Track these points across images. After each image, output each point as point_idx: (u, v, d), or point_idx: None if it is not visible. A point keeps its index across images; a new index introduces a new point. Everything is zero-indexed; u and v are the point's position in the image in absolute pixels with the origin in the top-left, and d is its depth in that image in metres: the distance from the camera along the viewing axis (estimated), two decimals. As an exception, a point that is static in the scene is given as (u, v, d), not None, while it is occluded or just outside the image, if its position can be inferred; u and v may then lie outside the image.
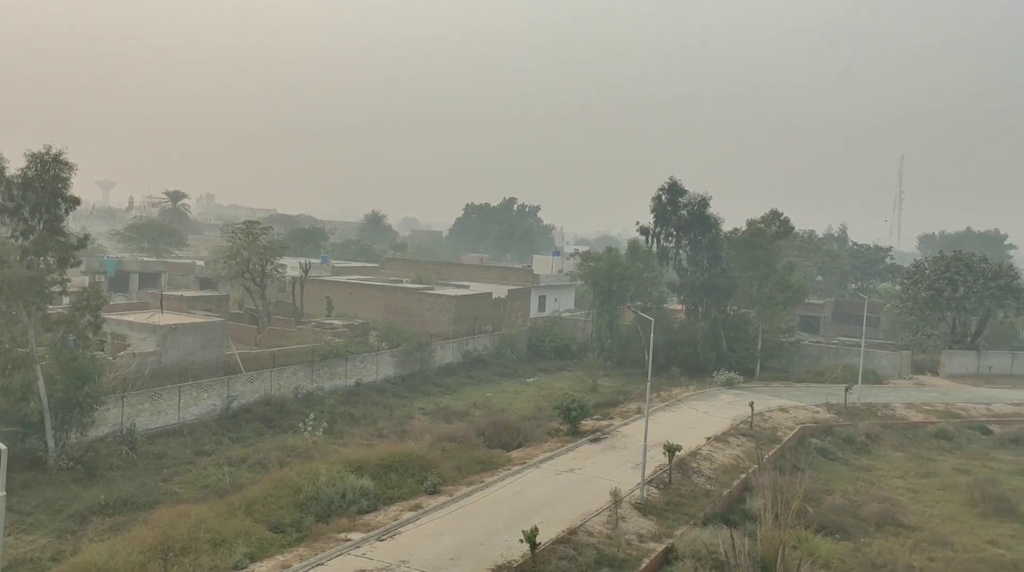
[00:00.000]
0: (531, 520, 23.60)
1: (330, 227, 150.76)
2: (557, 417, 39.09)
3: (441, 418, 42.05)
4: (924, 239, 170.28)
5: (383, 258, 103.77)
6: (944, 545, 28.50)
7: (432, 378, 52.29)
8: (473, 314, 62.95)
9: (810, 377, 57.23)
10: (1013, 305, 68.05)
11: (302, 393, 43.19)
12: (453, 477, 29.89)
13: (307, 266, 63.46)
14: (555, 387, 52.04)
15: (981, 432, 46.79)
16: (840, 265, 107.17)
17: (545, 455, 33.94)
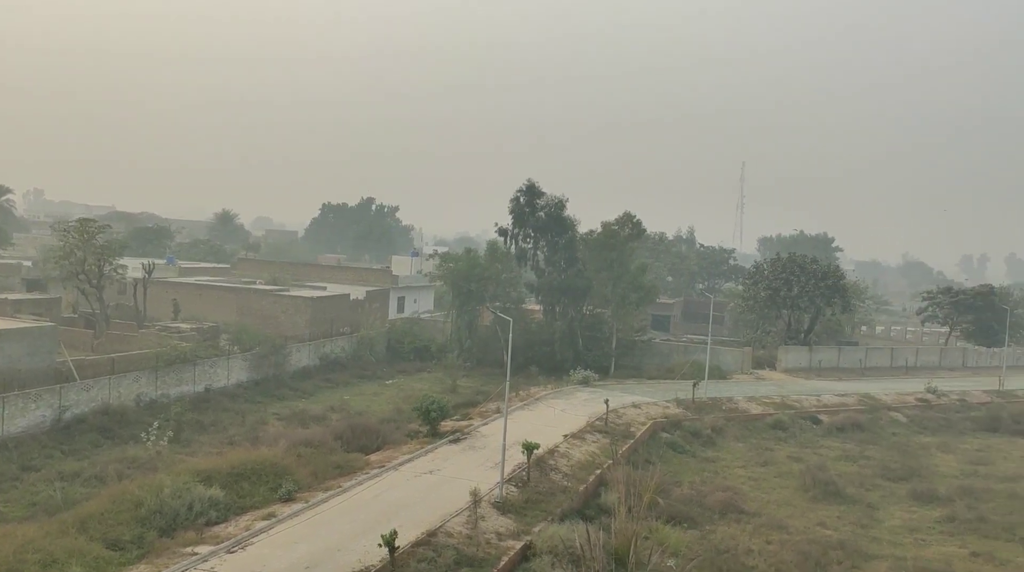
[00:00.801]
0: (390, 523, 23.29)
1: (176, 226, 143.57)
2: (417, 419, 38.82)
3: (297, 423, 40.85)
4: (763, 241, 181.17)
5: (235, 259, 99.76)
6: (780, 528, 30.41)
7: (287, 382, 50.74)
8: (330, 316, 61.56)
9: (661, 374, 59.60)
10: (839, 303, 73.55)
11: (145, 401, 40.82)
12: (309, 483, 29.08)
13: (151, 267, 60.04)
14: (415, 388, 51.71)
15: (812, 422, 50.31)
16: (688, 266, 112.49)
17: (404, 457, 33.62)
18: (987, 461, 44.46)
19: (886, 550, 29.18)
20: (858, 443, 46.83)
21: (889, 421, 52.94)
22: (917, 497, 36.11)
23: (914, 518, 33.55)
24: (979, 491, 36.98)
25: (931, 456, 45.00)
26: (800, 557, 27.10)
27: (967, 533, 31.61)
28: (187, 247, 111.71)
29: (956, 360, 79.35)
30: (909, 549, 29.45)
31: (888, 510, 34.48)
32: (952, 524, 32.56)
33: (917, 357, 76.64)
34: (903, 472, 39.96)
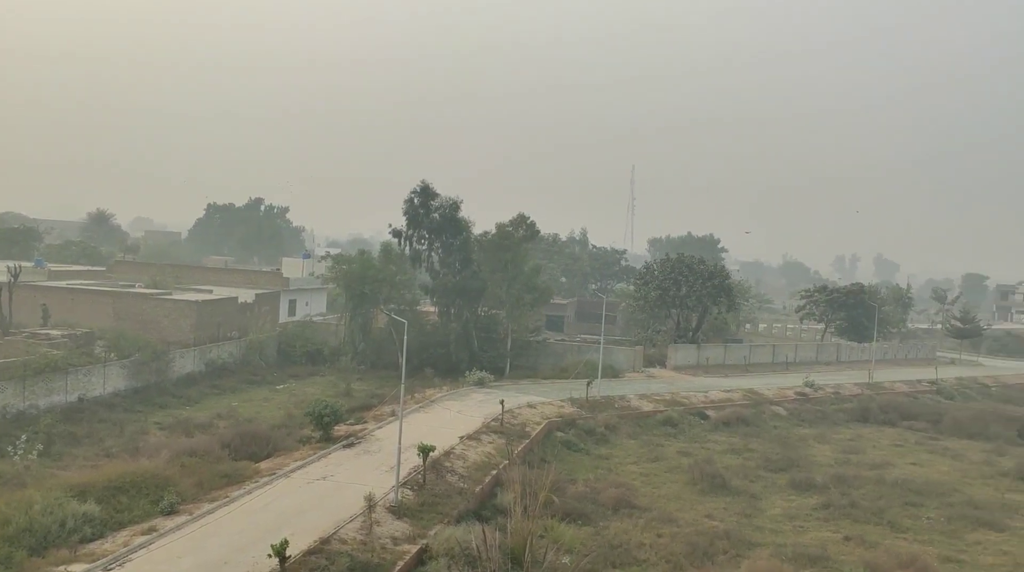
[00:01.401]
0: (281, 532, 22.64)
1: (45, 226, 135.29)
2: (309, 424, 37.93)
3: (181, 432, 39.22)
4: (653, 242, 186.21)
5: (111, 261, 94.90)
6: (670, 522, 31.30)
7: (171, 389, 48.66)
8: (217, 320, 59.42)
9: (556, 373, 60.36)
10: (725, 302, 76.41)
11: (11, 413, 38.29)
12: (194, 494, 27.95)
13: (16, 270, 56.38)
14: (307, 393, 50.56)
15: (700, 417, 52.07)
16: (582, 267, 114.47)
17: (296, 464, 32.79)
18: (858, 450, 47.11)
19: (768, 538, 30.47)
20: (743, 437, 48.75)
21: (771, 415, 55.37)
22: (796, 486, 37.88)
23: (793, 506, 35.17)
24: (851, 478, 39.12)
25: (809, 447, 47.31)
26: (689, 548, 27.98)
27: (841, 518, 33.38)
28: (58, 249, 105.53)
29: (831, 355, 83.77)
30: (789, 536, 30.85)
31: (770, 500, 36.02)
32: (827, 511, 34.30)
33: (796, 353, 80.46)
34: (783, 463, 41.83)
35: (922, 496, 37.00)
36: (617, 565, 26.49)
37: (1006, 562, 29.35)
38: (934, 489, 38.19)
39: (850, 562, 27.66)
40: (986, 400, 68.89)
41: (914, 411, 58.29)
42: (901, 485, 38.34)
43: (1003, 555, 30.07)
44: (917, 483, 39.01)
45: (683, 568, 26.72)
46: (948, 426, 54.12)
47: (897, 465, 43.51)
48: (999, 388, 75.94)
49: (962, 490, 38.63)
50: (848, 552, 29.13)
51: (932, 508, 35.41)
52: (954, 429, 53.56)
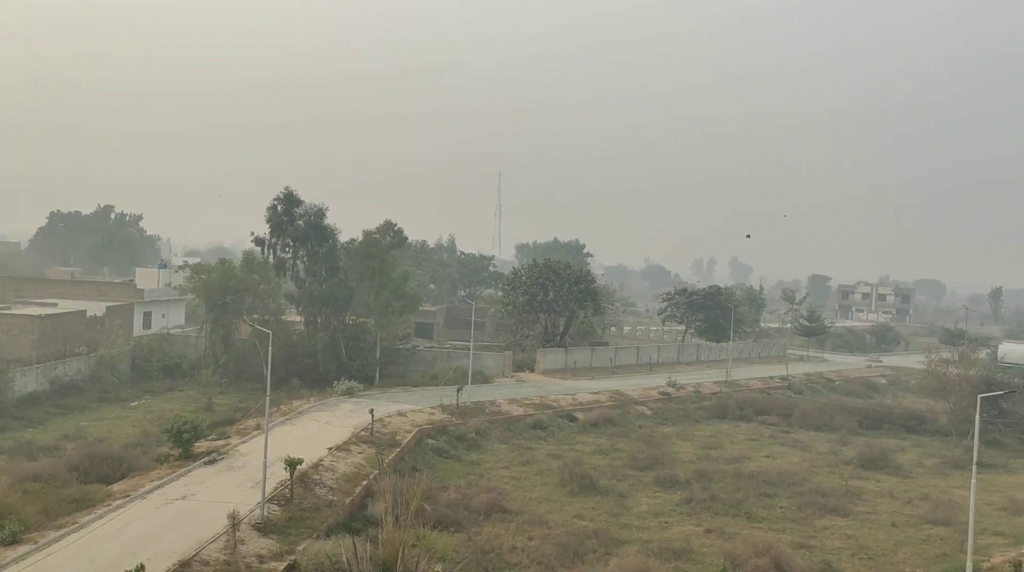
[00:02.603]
0: (137, 558, 21.41)
1: None
2: (167, 441, 36.08)
3: (23, 455, 36.47)
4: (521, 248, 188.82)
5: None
6: (541, 524, 31.74)
7: (10, 411, 45.18)
8: (63, 335, 55.58)
9: (426, 381, 60.08)
10: (591, 306, 78.40)
11: None
12: (39, 522, 26.00)
13: None
14: (165, 409, 48.11)
15: (569, 420, 53.14)
16: (450, 273, 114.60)
17: (153, 484, 31.10)
18: (718, 445, 49.40)
19: (635, 534, 31.44)
20: (610, 437, 50.11)
21: (636, 415, 57.21)
22: (661, 483, 39.28)
23: (658, 502, 36.45)
24: (711, 473, 40.96)
25: (672, 444, 49.18)
26: (559, 549, 28.47)
27: (702, 512, 34.87)
28: None
29: (691, 355, 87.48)
30: (654, 532, 31.93)
31: (636, 497, 37.18)
32: (690, 505, 35.75)
33: (659, 354, 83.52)
34: (649, 461, 43.28)
35: (775, 487, 39.17)
36: (490, 570, 26.61)
37: (850, 545, 31.51)
38: (786, 480, 40.52)
39: (711, 553, 28.90)
40: (831, 394, 73.81)
41: (767, 406, 61.69)
42: (757, 477, 40.47)
43: (848, 539, 32.26)
44: (771, 475, 41.28)
45: (554, 569, 27.16)
46: (798, 419, 57.60)
47: (753, 458, 45.90)
48: (842, 382, 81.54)
49: (811, 479, 41.18)
50: (709, 544, 30.45)
51: (785, 498, 37.56)
52: (803, 422, 57.06)
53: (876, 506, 37.33)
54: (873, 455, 46.25)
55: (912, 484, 42.04)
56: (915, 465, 46.88)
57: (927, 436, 55.82)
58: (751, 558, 27.54)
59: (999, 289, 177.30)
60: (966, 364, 57.96)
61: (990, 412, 51.96)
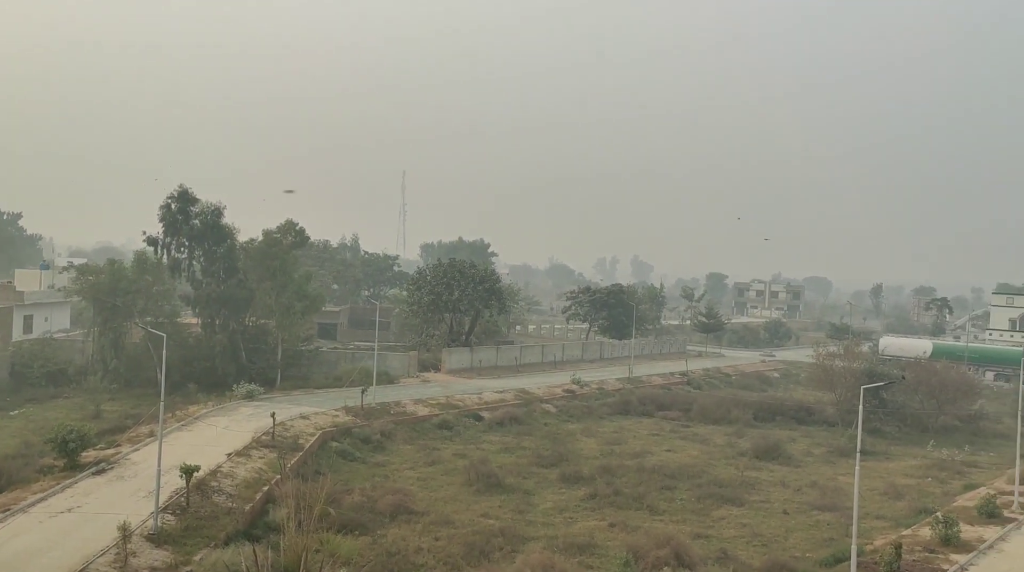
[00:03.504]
0: (17, 577, 20.20)
1: None
2: (51, 451, 34.22)
3: None
4: (425, 248, 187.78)
5: None
6: (448, 524, 31.66)
7: None
8: (-67, 340, 51.99)
9: (329, 382, 59.02)
10: (496, 305, 78.66)
11: None
12: (-94, 542, 24.21)
13: None
14: (48, 418, 45.60)
15: (475, 419, 53.19)
16: (354, 273, 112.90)
17: (36, 497, 29.44)
18: (621, 441, 50.40)
19: (541, 531, 31.73)
20: (516, 435, 50.40)
21: (542, 412, 57.74)
22: (566, 479, 39.76)
23: (563, 499, 36.90)
24: (615, 468, 41.74)
25: (577, 441, 49.86)
26: (466, 549, 28.46)
27: (606, 507, 35.50)
28: None
29: (595, 353, 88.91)
30: (560, 528, 32.30)
31: (542, 494, 37.52)
32: (594, 500, 36.34)
33: (563, 352, 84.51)
34: (554, 458, 43.75)
35: (676, 480, 40.25)
36: (395, 572, 26.32)
37: (745, 533, 32.69)
38: (686, 472, 41.68)
39: (615, 547, 29.45)
40: (728, 388, 76.35)
41: (668, 402, 63.31)
42: (658, 471, 41.48)
43: (743, 527, 33.46)
44: (671, 468, 42.39)
45: (461, 569, 27.13)
46: (697, 414, 59.32)
47: (655, 453, 47.03)
48: (738, 376, 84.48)
49: (709, 471, 42.50)
50: (613, 537, 31.01)
51: (684, 490, 38.64)
52: (702, 416, 58.81)
53: (769, 495, 38.84)
54: (766, 446, 48.09)
55: (802, 473, 43.94)
56: (805, 454, 49.00)
57: (816, 426, 58.43)
58: (652, 550, 28.20)
59: (879, 286, 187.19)
60: (850, 357, 60.96)
61: (872, 402, 54.79)
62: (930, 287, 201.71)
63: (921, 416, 58.86)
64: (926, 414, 58.92)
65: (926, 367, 62.90)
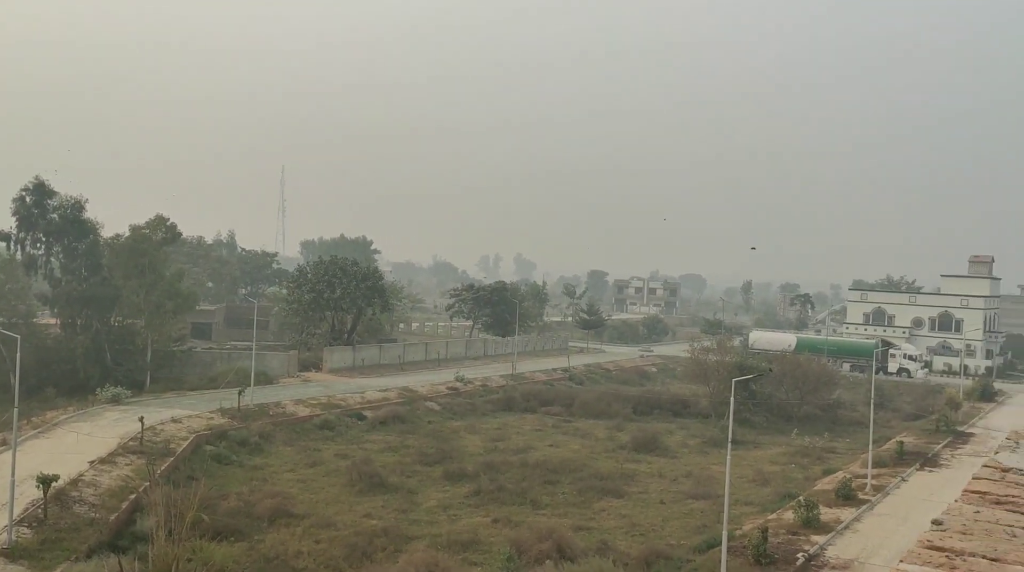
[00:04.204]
0: None
1: None
2: None
3: None
4: (306, 245, 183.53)
5: None
6: (329, 527, 31.01)
7: None
8: None
9: (204, 384, 56.71)
10: (379, 303, 77.70)
11: None
12: None
13: None
14: None
15: (358, 418, 52.37)
16: (230, 271, 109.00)
17: None
18: (504, 437, 50.77)
19: (424, 530, 31.56)
20: (399, 434, 49.94)
21: (425, 410, 57.45)
22: (450, 477, 39.71)
23: (447, 496, 36.83)
24: (498, 464, 41.98)
25: (461, 438, 49.89)
26: (348, 551, 27.98)
27: (490, 503, 35.65)
28: None
29: (479, 350, 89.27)
30: (443, 526, 32.22)
31: (426, 493, 37.33)
32: (478, 497, 36.45)
33: (448, 350, 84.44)
34: (438, 456, 43.62)
35: (558, 474, 40.89)
36: (274, 578, 25.55)
37: (625, 524, 33.58)
38: (568, 466, 42.41)
39: (498, 543, 29.61)
40: (608, 383, 78.27)
41: (551, 397, 64.26)
42: (541, 466, 42.00)
43: (622, 518, 34.36)
44: (554, 463, 43.03)
45: (342, 571, 26.62)
46: (578, 409, 60.48)
47: (538, 448, 47.62)
48: (618, 372, 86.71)
49: (590, 465, 43.39)
50: (496, 533, 31.19)
51: (566, 484, 39.30)
52: (583, 411, 60.00)
53: (647, 486, 40.05)
54: (645, 439, 49.57)
55: (678, 464, 45.54)
56: (680, 446, 50.82)
57: (691, 419, 60.70)
58: (535, 544, 28.53)
59: (749, 282, 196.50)
60: (723, 351, 63.63)
61: (742, 394, 57.36)
62: (794, 284, 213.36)
63: (786, 406, 62.12)
64: (790, 404, 62.23)
65: (790, 360, 66.35)
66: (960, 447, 50.66)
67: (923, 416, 62.66)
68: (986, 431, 56.57)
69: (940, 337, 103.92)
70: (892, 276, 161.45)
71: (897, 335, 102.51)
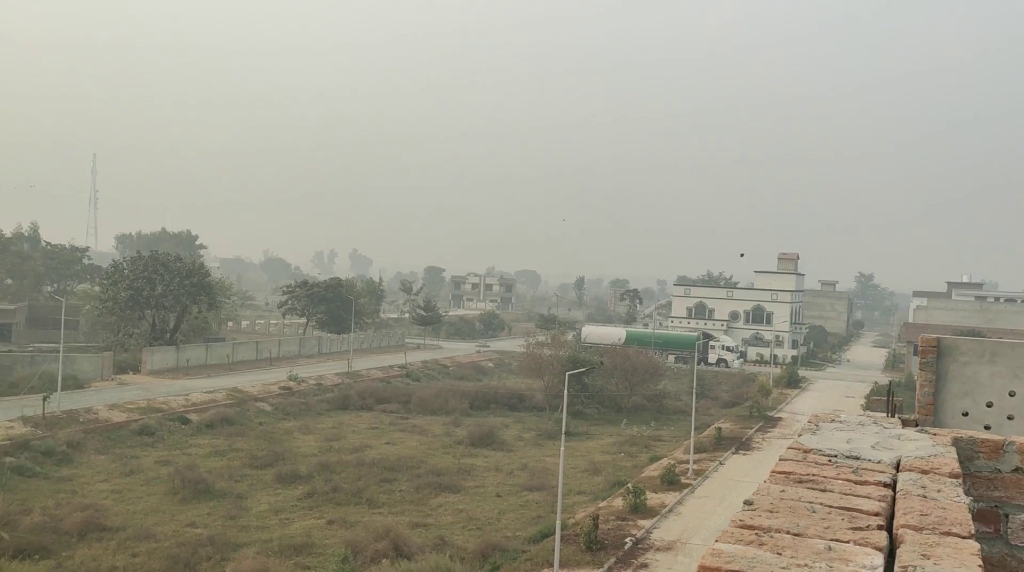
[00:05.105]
0: None
1: None
2: None
3: None
4: (122, 239, 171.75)
5: None
6: (148, 538, 29.12)
7: None
8: None
9: (3, 390, 51.77)
10: (206, 301, 73.94)
11: None
12: None
13: None
14: None
15: (181, 422, 49.53)
16: (33, 266, 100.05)
17: None
18: (340, 436, 49.68)
19: (254, 535, 30.30)
20: (227, 437, 47.70)
21: (256, 411, 55.22)
22: (282, 480, 38.36)
23: (279, 500, 35.56)
24: (334, 465, 41.05)
25: (294, 439, 48.34)
26: (169, 563, 26.42)
27: (325, 504, 34.79)
28: None
29: (313, 348, 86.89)
30: (275, 530, 31.07)
31: (256, 497, 35.86)
32: (312, 499, 35.45)
33: (280, 348, 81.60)
34: (269, 458, 42.03)
35: (395, 472, 40.50)
36: (85, 598, 23.67)
37: (462, 518, 33.73)
38: (405, 464, 42.10)
39: (333, 544, 28.90)
40: (445, 379, 78.33)
41: (388, 395, 63.56)
42: (378, 464, 41.46)
43: (459, 513, 34.50)
44: (391, 460, 42.58)
45: (163, 585, 25.08)
46: (416, 405, 60.17)
47: (374, 446, 46.95)
48: (455, 367, 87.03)
49: (428, 461, 43.29)
50: (332, 535, 30.45)
51: (404, 481, 38.99)
52: (421, 407, 59.76)
53: (484, 480, 40.45)
54: (482, 433, 50.05)
55: (514, 457, 46.31)
56: (516, 439, 51.73)
57: (527, 412, 61.93)
58: (371, 543, 28.11)
59: (582, 278, 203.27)
60: (557, 346, 65.40)
61: (575, 387, 59.10)
62: (624, 280, 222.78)
63: (616, 397, 64.69)
64: (620, 395, 64.87)
65: (620, 352, 69.15)
66: (770, 431, 54.74)
67: (738, 403, 67.21)
68: (792, 415, 61.49)
69: (754, 329, 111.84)
70: (712, 271, 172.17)
71: (717, 328, 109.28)
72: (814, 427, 3.48)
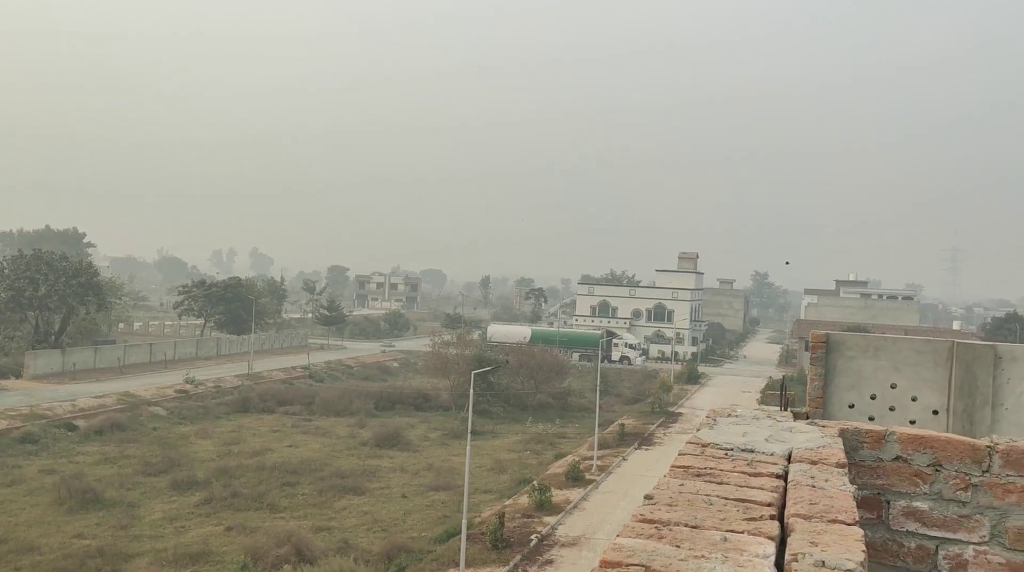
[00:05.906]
0: None
1: None
2: None
3: None
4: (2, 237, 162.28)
5: None
6: (31, 551, 27.62)
7: None
8: None
9: None
10: (94, 302, 70.60)
11: None
12: None
13: None
14: None
15: (68, 429, 47.11)
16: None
17: None
18: (240, 440, 48.28)
19: (147, 545, 29.12)
20: (118, 443, 45.64)
21: (150, 416, 53.05)
22: (177, 486, 36.98)
23: (174, 507, 34.28)
24: (233, 469, 39.84)
25: (190, 444, 46.68)
26: (55, 577, 25.04)
27: (223, 511, 33.71)
28: None
29: (212, 350, 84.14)
30: (170, 539, 29.93)
31: (149, 505, 34.46)
32: (210, 505, 34.30)
33: (176, 350, 78.67)
34: (164, 465, 40.45)
35: (297, 475, 39.62)
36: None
37: (367, 520, 33.31)
38: (307, 467, 41.24)
39: (232, 551, 28.07)
40: (350, 379, 77.13)
41: (290, 396, 62.11)
42: (279, 468, 40.45)
43: (364, 515, 34.05)
44: (293, 463, 41.63)
45: (48, 601, 23.80)
46: (319, 407, 59.00)
47: (276, 449, 45.81)
48: (359, 368, 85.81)
49: (332, 463, 42.53)
50: (230, 541, 29.54)
51: (306, 484, 38.19)
52: (324, 409, 58.64)
53: (389, 481, 40.04)
54: (387, 434, 49.51)
55: (420, 457, 46.02)
56: (422, 439, 51.42)
57: (432, 412, 61.63)
58: (272, 549, 27.44)
59: (487, 278, 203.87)
60: (463, 345, 65.36)
61: (481, 386, 59.23)
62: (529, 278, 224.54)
63: (522, 396, 65.14)
64: (526, 393, 65.35)
65: (526, 351, 69.68)
66: (671, 426, 56.22)
67: (641, 399, 68.74)
68: (692, 410, 63.33)
69: (655, 326, 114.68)
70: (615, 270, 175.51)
71: (620, 326, 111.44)
72: (712, 422, 3.58)
